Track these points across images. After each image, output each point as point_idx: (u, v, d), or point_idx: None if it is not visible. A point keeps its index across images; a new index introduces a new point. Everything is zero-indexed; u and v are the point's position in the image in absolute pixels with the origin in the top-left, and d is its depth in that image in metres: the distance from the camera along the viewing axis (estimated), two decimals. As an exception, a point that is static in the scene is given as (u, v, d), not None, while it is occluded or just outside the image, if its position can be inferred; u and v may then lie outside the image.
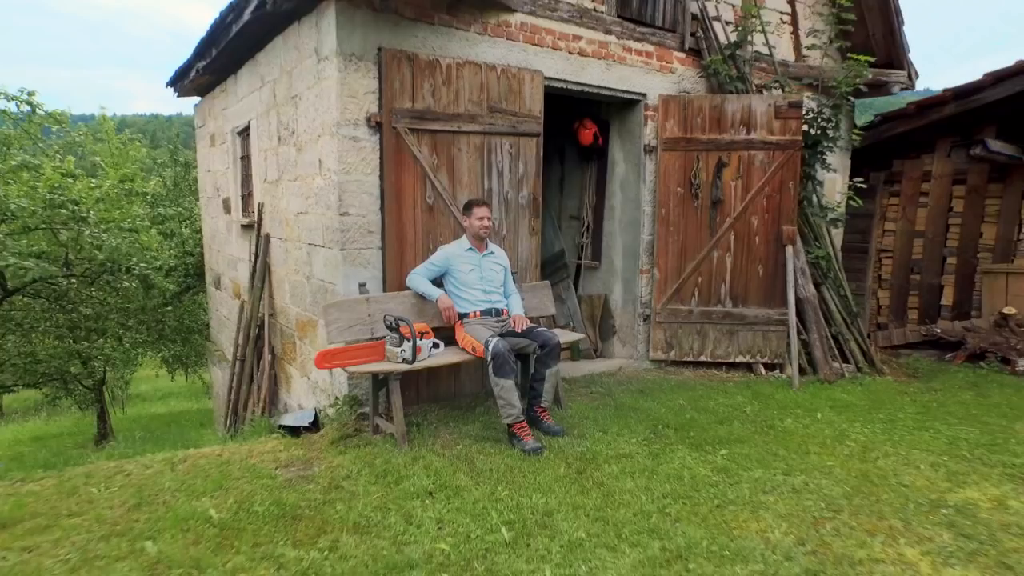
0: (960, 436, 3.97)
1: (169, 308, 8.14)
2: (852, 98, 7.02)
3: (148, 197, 9.07)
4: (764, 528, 2.66)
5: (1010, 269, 7.08)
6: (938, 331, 7.44)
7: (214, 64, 6.07)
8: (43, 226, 6.46)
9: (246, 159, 6.07)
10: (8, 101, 7.37)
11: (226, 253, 7.13)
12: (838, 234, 7.70)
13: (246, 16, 4.67)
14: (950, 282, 7.59)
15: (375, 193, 4.14)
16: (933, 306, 7.73)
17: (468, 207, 4.12)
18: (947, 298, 7.62)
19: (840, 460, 3.50)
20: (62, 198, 6.56)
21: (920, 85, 7.78)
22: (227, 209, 6.84)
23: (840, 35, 6.77)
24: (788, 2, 6.66)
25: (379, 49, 4.04)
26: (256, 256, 5.48)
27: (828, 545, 2.50)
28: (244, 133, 6.01)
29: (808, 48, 6.63)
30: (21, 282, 7.29)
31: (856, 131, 7.56)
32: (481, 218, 4.05)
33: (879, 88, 7.18)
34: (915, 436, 3.97)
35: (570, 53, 4.96)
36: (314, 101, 4.28)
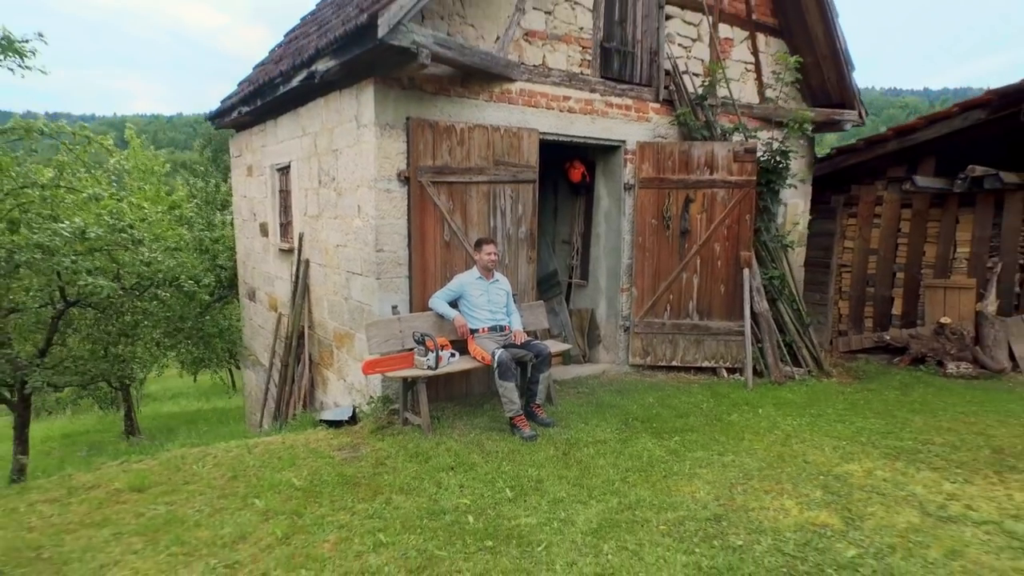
0: (867, 427, 5.08)
1: (208, 318, 9.22)
2: (811, 135, 8.16)
3: (186, 219, 10.19)
4: (694, 490, 3.77)
5: (947, 284, 8.19)
6: (887, 338, 8.56)
7: (257, 110, 7.17)
8: (106, 248, 7.55)
9: (285, 193, 7.16)
10: (68, 135, 8.44)
11: (262, 270, 8.22)
12: (801, 252, 8.82)
13: (294, 83, 5.78)
14: (899, 294, 8.69)
15: (403, 233, 5.25)
16: (885, 315, 8.84)
17: (479, 244, 5.22)
18: (897, 308, 8.73)
19: (765, 444, 4.61)
20: (122, 223, 7.65)
21: (919, 84, 9.05)
22: (264, 233, 7.94)
23: (798, 80, 7.90)
24: (752, 53, 7.75)
25: (407, 118, 5.14)
26: (297, 278, 6.58)
27: (734, 500, 3.60)
28: (284, 171, 7.10)
29: (770, 91, 7.74)
30: (79, 295, 8.37)
31: (817, 160, 8.70)
32: (489, 253, 5.15)
33: (834, 125, 8.29)
34: (832, 427, 5.08)
35: (561, 111, 6.06)
36: (354, 157, 5.38)
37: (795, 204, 8.55)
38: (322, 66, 5.19)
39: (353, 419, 5.46)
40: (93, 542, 3.21)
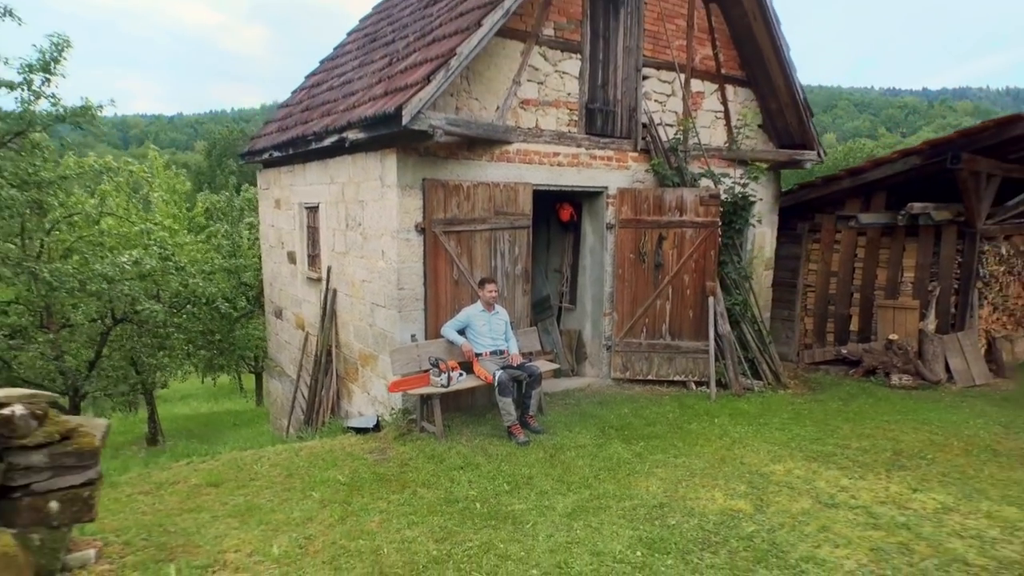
0: (801, 434, 6.27)
1: (238, 333, 10.43)
2: (777, 171, 9.37)
3: (216, 242, 11.43)
4: (649, 485, 4.96)
5: (896, 304, 9.38)
6: (844, 351, 9.76)
7: (288, 156, 8.36)
8: (155, 274, 8.75)
9: (313, 229, 8.34)
10: (114, 169, 9.65)
11: (289, 293, 9.41)
12: (769, 274, 10.02)
13: (326, 143, 6.97)
14: (856, 312, 9.89)
15: (420, 273, 6.43)
16: (844, 331, 10.03)
17: (482, 283, 6.41)
18: (854, 325, 9.93)
19: (713, 449, 5.80)
20: (167, 252, 8.85)
21: (918, 85, 10.30)
22: (292, 260, 9.12)
23: (766, 123, 9.11)
24: (721, 103, 8.93)
25: (423, 179, 6.32)
26: (325, 304, 7.77)
27: (677, 492, 4.79)
28: (312, 210, 8.28)
29: (739, 136, 8.92)
30: (125, 313, 9.58)
31: (783, 193, 9.90)
32: (491, 291, 6.34)
33: (796, 164, 9.46)
34: (772, 434, 6.27)
35: (552, 165, 7.24)
36: (378, 210, 6.56)
37: (763, 233, 9.73)
38: (352, 135, 6.37)
39: (377, 427, 6.65)
40: (199, 522, 4.40)
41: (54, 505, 3.26)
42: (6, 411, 3.09)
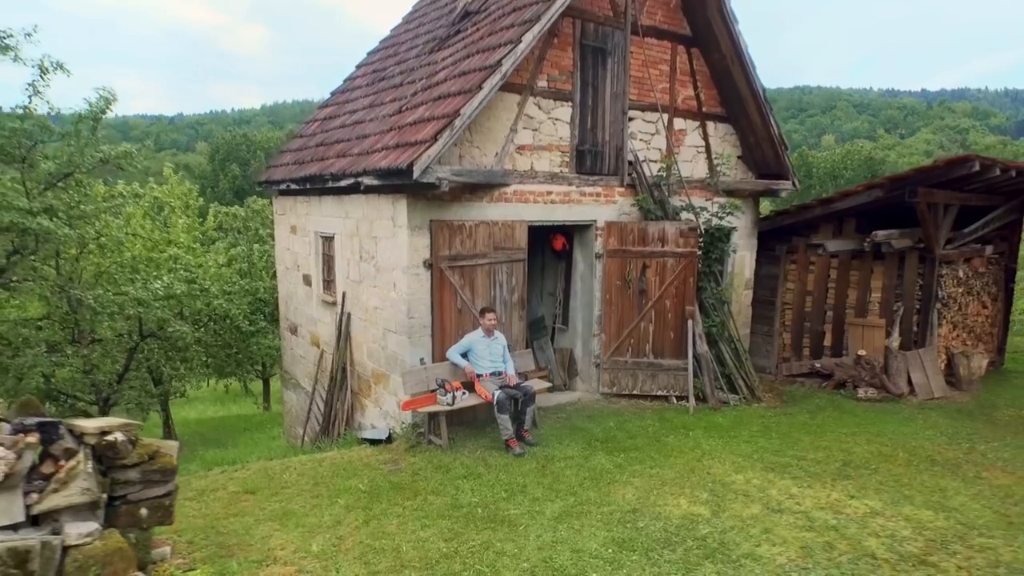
0: (765, 446, 7.16)
1: (256, 347, 11.34)
2: (755, 199, 10.25)
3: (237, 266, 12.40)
4: (626, 493, 5.85)
5: (865, 323, 10.27)
6: (818, 365, 10.66)
7: (304, 189, 9.25)
8: (183, 296, 9.66)
9: (328, 257, 9.23)
10: (142, 195, 10.55)
11: (304, 312, 10.31)
12: (749, 293, 10.91)
13: (342, 183, 7.86)
14: (829, 329, 10.78)
15: (427, 304, 7.33)
16: (819, 346, 10.93)
17: (482, 312, 7.30)
18: (828, 341, 10.82)
19: (684, 460, 6.69)
20: (192, 275, 9.76)
21: (917, 86, 11.15)
22: (307, 283, 10.02)
23: (742, 157, 10.00)
24: (703, 138, 9.82)
25: (430, 221, 7.21)
26: (340, 326, 8.67)
27: (648, 499, 5.69)
28: (328, 239, 9.17)
29: (717, 168, 9.81)
30: (151, 330, 10.47)
31: (762, 219, 10.78)
32: (490, 320, 7.23)
33: (773, 193, 10.35)
34: (739, 446, 7.16)
35: (545, 203, 8.13)
36: (390, 247, 7.45)
37: (742, 256, 10.63)
38: (367, 181, 7.26)
39: (389, 439, 7.55)
40: (245, 524, 5.30)
41: (144, 511, 4.15)
42: (110, 437, 3.98)
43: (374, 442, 7.49)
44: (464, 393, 7.16)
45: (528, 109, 7.87)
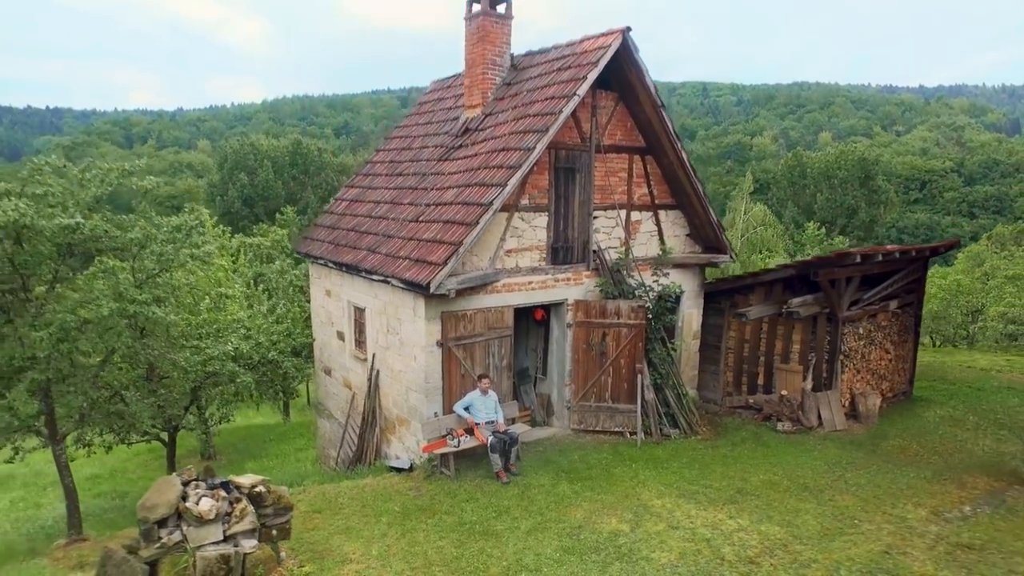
0: (686, 475, 10.11)
1: (294, 384, 14.27)
2: (702, 267, 13.16)
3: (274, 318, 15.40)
4: (577, 514, 8.81)
5: (787, 368, 13.21)
6: (750, 401, 13.63)
7: (338, 265, 12.19)
8: (232, 337, 12.56)
9: (360, 324, 12.17)
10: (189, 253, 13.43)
11: (338, 360, 13.27)
12: (696, 342, 13.85)
13: (374, 278, 10.79)
14: (761, 371, 13.73)
15: (439, 372, 10.27)
16: (754, 384, 13.88)
17: (479, 377, 10.24)
18: (760, 380, 13.77)
19: (623, 488, 9.64)
20: (249, 332, 12.66)
21: (915, 83, 14.18)
22: (340, 338, 12.97)
23: (690, 234, 12.89)
24: (655, 224, 12.72)
25: (441, 312, 10.13)
26: (371, 380, 11.62)
27: (591, 518, 8.64)
28: (360, 309, 12.09)
29: (670, 242, 12.71)
30: (206, 372, 13.44)
31: (706, 283, 13.69)
32: (485, 384, 10.17)
33: (714, 264, 13.26)
34: (667, 476, 10.11)
35: (527, 290, 11.05)
36: (411, 329, 10.39)
37: (691, 313, 13.55)
38: (393, 282, 10.17)
39: (410, 468, 10.52)
40: (323, 536, 8.25)
41: (275, 531, 7.11)
42: (258, 489, 6.93)
43: (399, 470, 10.47)
44: (466, 438, 10.12)
45: (514, 222, 10.77)
